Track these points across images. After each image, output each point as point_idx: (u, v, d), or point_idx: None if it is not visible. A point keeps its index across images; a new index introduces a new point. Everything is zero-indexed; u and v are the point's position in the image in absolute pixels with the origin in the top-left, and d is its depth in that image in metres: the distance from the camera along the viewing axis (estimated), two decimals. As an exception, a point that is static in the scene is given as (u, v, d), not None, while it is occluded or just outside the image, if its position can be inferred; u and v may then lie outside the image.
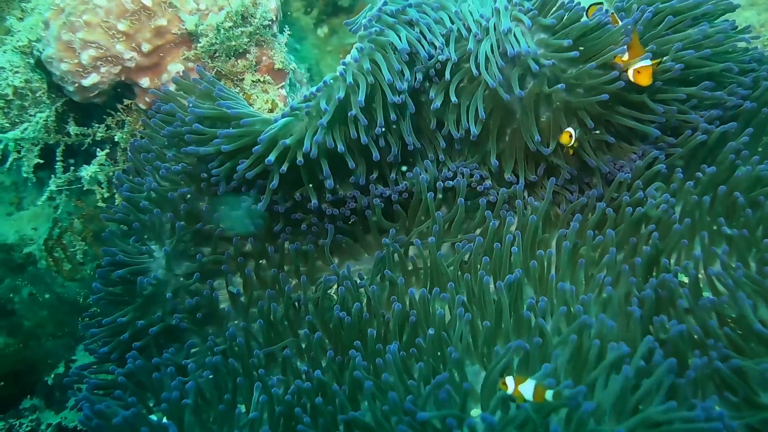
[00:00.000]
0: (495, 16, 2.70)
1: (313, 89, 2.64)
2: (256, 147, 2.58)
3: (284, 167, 2.60)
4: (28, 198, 4.36)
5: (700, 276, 2.29)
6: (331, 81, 2.62)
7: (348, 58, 2.62)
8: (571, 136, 2.60)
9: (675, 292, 2.21)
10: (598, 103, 2.62)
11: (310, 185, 2.74)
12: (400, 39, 2.64)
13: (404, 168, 2.91)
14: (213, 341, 2.62)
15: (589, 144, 2.72)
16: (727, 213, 2.45)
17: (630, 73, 2.49)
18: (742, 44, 2.81)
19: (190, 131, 2.73)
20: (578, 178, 2.83)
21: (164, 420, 2.19)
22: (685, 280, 2.30)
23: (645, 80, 2.47)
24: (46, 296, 4.23)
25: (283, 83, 3.41)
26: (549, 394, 1.87)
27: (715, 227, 2.44)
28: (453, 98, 2.71)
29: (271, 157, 2.57)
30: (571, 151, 2.67)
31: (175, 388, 2.26)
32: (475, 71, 2.65)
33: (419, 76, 2.75)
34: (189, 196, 2.81)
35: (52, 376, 4.13)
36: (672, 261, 2.43)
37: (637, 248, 2.44)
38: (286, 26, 3.47)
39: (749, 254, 2.31)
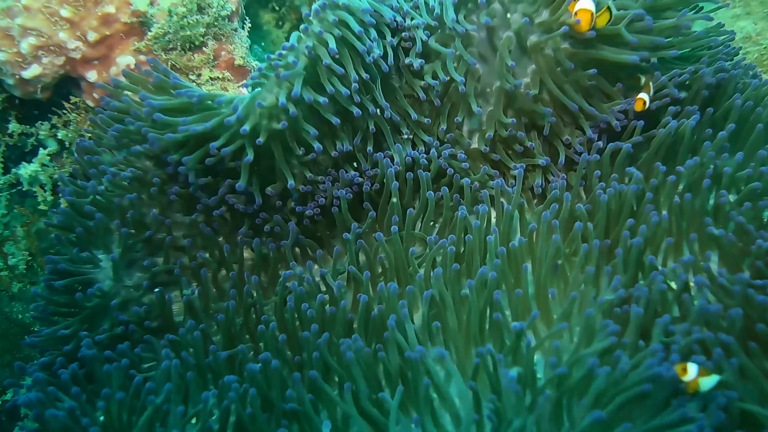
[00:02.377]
0: None
1: (278, 52, 2.50)
2: (229, 117, 2.40)
3: (261, 138, 2.43)
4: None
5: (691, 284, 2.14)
6: (297, 42, 2.48)
7: (309, 13, 2.49)
8: (645, 102, 2.52)
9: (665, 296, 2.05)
10: (571, 44, 2.58)
11: (286, 164, 2.58)
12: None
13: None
14: (168, 340, 2.42)
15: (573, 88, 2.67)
16: (715, 213, 2.32)
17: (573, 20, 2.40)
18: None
19: (148, 125, 2.54)
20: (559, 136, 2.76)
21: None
22: (674, 285, 2.14)
23: (582, 26, 2.37)
24: (-1, 321, 4.00)
25: (245, 81, 3.21)
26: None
27: (700, 229, 2.30)
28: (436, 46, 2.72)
29: (246, 127, 2.40)
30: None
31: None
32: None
33: (389, 38, 2.67)
34: (137, 202, 2.62)
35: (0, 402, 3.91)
36: (659, 259, 2.29)
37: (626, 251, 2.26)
38: (247, 19, 3.28)
39: (743, 261, 2.16)
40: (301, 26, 2.50)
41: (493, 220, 2.61)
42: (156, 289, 2.58)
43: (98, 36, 2.85)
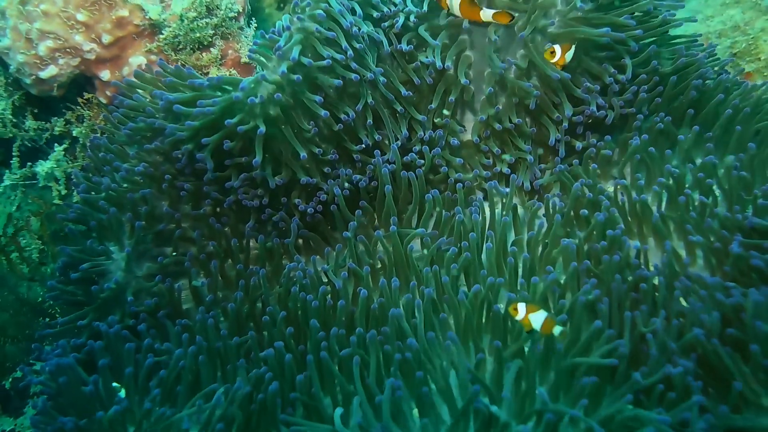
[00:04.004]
0: None
1: (272, 29, 2.72)
2: (236, 94, 2.54)
3: (272, 110, 2.60)
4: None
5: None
6: (288, 21, 2.66)
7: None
8: (553, 52, 2.64)
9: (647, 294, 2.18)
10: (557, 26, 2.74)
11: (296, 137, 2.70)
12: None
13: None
14: (180, 326, 2.54)
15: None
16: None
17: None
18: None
19: (162, 118, 2.67)
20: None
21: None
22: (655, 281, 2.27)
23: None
24: (8, 298, 4.10)
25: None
26: (557, 330, 1.92)
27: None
28: (427, 37, 2.85)
29: (254, 99, 2.54)
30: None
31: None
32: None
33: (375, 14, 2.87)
34: (150, 196, 2.74)
35: (10, 380, 4.03)
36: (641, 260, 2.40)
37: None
38: (254, 19, 3.40)
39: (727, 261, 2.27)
40: (292, 4, 2.67)
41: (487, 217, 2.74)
42: (167, 280, 2.71)
43: (112, 38, 2.97)
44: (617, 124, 2.87)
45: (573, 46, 2.64)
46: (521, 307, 1.97)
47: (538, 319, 1.94)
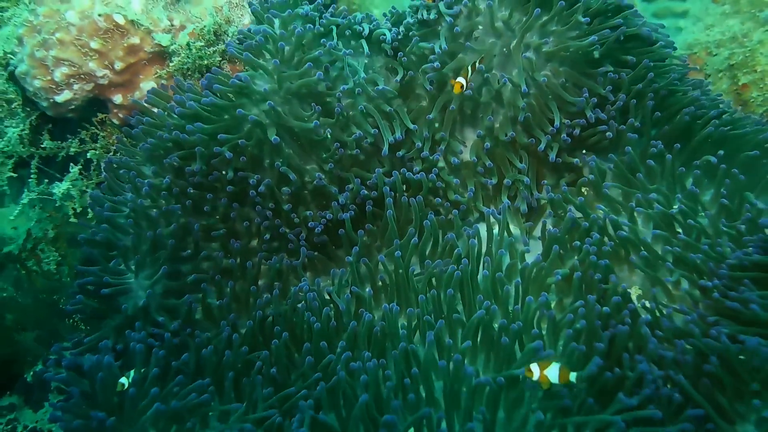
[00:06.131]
0: None
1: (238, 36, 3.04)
2: (233, 80, 2.80)
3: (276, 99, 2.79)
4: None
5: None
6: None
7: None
8: (462, 86, 2.75)
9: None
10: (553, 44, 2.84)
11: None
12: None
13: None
14: (201, 337, 2.65)
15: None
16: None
17: None
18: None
19: (180, 125, 2.82)
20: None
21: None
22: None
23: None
24: (27, 299, 4.22)
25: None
26: (573, 376, 1.99)
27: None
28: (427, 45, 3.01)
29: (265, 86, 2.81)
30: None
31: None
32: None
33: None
34: (173, 215, 2.84)
35: (31, 373, 4.13)
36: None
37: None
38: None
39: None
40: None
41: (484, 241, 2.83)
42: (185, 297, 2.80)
43: (124, 65, 3.08)
44: (612, 143, 2.93)
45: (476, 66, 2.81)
46: (534, 367, 1.99)
47: (553, 373, 1.98)
